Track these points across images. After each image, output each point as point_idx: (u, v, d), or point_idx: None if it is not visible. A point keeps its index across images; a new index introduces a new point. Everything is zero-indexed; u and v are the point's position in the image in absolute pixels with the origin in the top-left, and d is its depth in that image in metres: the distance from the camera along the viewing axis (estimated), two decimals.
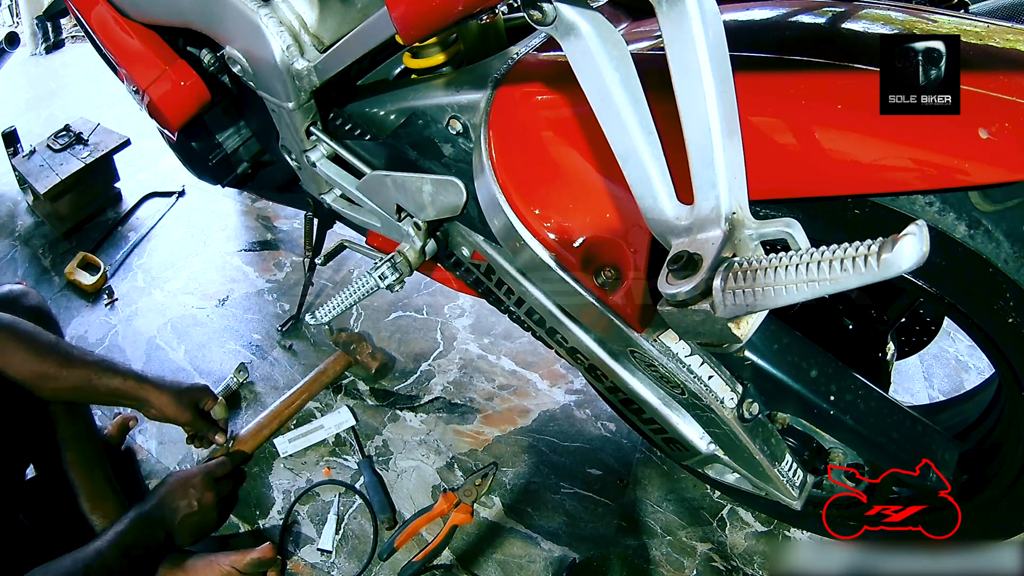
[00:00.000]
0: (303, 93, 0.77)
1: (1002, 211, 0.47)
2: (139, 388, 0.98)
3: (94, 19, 1.01)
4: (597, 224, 0.62)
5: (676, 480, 1.07)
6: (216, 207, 1.74)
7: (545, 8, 0.45)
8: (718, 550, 0.99)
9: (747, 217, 0.46)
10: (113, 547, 0.83)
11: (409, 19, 0.56)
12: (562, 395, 1.22)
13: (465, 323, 1.36)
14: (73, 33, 2.75)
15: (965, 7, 0.77)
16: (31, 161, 1.71)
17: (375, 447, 1.17)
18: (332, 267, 1.51)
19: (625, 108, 0.47)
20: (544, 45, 0.68)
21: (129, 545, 0.85)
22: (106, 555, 0.82)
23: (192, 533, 0.93)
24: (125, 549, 0.84)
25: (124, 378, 0.97)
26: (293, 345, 1.36)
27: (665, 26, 0.43)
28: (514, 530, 1.04)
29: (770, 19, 0.57)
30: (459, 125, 0.67)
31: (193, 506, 0.92)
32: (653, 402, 0.73)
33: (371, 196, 0.81)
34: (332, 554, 1.04)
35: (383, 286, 0.81)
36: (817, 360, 0.69)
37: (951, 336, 1.26)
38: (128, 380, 0.97)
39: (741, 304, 0.42)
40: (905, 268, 0.33)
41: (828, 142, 0.49)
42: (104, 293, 1.53)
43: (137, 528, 0.87)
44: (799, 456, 0.74)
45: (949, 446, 0.72)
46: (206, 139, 1.08)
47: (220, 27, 0.80)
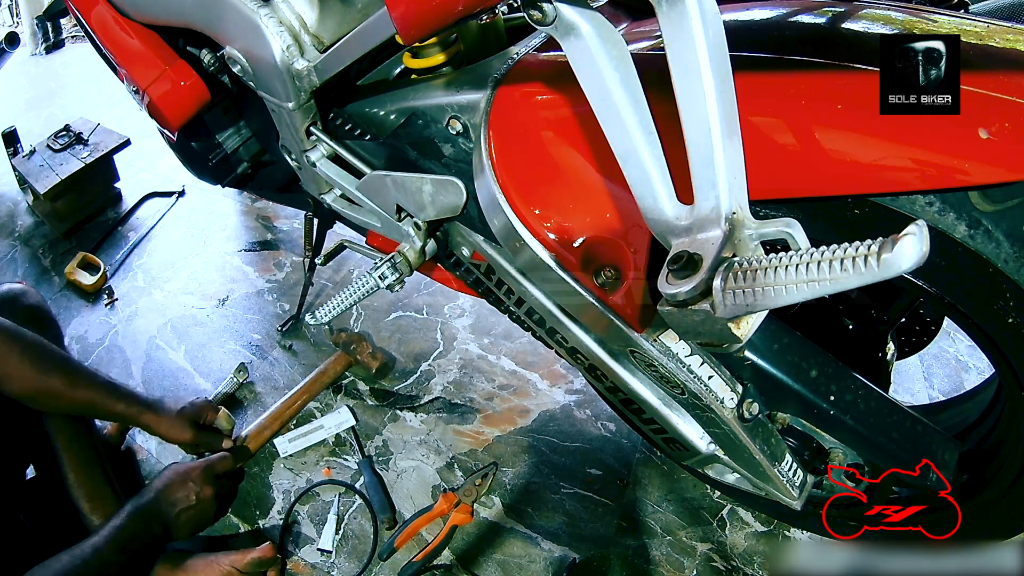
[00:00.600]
0: (303, 93, 0.77)
1: (1002, 211, 0.47)
2: (140, 415, 1.00)
3: (94, 19, 1.01)
4: (597, 224, 0.62)
5: (676, 480, 1.07)
6: (216, 207, 1.74)
7: (545, 8, 0.45)
8: (718, 550, 0.99)
9: (747, 217, 0.46)
10: (111, 542, 0.83)
11: (409, 19, 0.56)
12: (562, 395, 1.22)
13: (465, 323, 1.36)
14: (73, 33, 2.75)
15: (965, 7, 0.77)
16: (31, 161, 1.71)
17: (375, 447, 1.17)
18: (332, 267, 1.51)
19: (625, 108, 0.47)
20: (544, 45, 0.68)
21: (127, 540, 0.84)
22: (103, 551, 0.82)
23: (189, 527, 0.93)
24: (123, 544, 0.84)
25: (127, 404, 0.99)
26: (293, 345, 1.36)
27: (665, 26, 0.43)
28: (514, 530, 1.04)
29: (770, 19, 0.57)
30: (459, 125, 0.67)
31: (191, 500, 0.91)
32: (653, 402, 0.73)
33: (371, 196, 0.81)
34: (332, 554, 1.04)
35: (383, 286, 0.81)
36: (817, 360, 0.69)
37: (951, 336, 1.26)
38: (131, 407, 0.99)
39: (741, 304, 0.42)
40: (905, 268, 0.33)
41: (828, 142, 0.49)
42: (104, 293, 1.53)
43: (134, 522, 0.86)
44: (799, 456, 0.74)
45: (949, 446, 0.72)
46: (206, 139, 1.08)
47: (220, 27, 0.80)
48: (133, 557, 0.85)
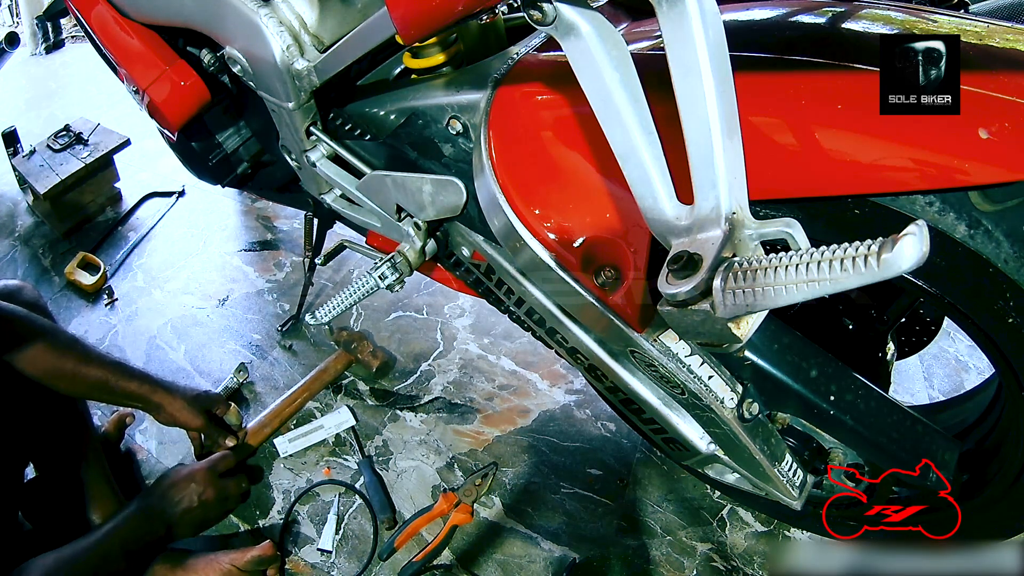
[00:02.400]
0: (303, 93, 0.77)
1: (1002, 211, 0.47)
2: (154, 393, 1.00)
3: (94, 19, 1.01)
4: (597, 224, 0.62)
5: (676, 480, 1.07)
6: (216, 207, 1.74)
7: (545, 8, 0.45)
8: (718, 550, 0.99)
9: (747, 217, 0.46)
10: (112, 539, 0.84)
11: (409, 19, 0.56)
12: (562, 395, 1.21)
13: (465, 323, 1.36)
14: (73, 33, 2.75)
15: (965, 7, 0.77)
16: (31, 161, 1.71)
17: (375, 447, 1.17)
18: (332, 267, 1.51)
19: (625, 108, 0.47)
20: (544, 45, 0.68)
21: (129, 538, 0.85)
22: (105, 547, 0.83)
23: (193, 528, 0.94)
24: (124, 542, 0.84)
25: (140, 382, 0.99)
26: (293, 345, 1.36)
27: (665, 26, 0.43)
28: (514, 530, 1.04)
29: (770, 19, 0.57)
30: (459, 125, 0.67)
31: (194, 501, 0.92)
32: (653, 402, 0.73)
33: (371, 196, 0.81)
34: (332, 554, 1.04)
35: (383, 286, 0.81)
36: (817, 360, 0.69)
37: (951, 336, 1.26)
38: (144, 384, 0.99)
39: (741, 304, 0.42)
40: (905, 268, 0.33)
41: (828, 142, 0.49)
42: (104, 293, 1.53)
43: (137, 522, 0.87)
44: (799, 456, 0.74)
45: (949, 446, 0.72)
46: (206, 139, 1.08)
47: (220, 27, 0.80)
48: (134, 555, 0.85)
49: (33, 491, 1.02)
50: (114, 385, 0.96)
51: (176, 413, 1.01)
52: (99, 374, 0.95)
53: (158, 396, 1.00)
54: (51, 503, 1.01)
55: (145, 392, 0.99)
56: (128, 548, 0.85)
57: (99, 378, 0.95)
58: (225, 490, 0.98)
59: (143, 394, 0.99)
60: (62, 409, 1.03)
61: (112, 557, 0.83)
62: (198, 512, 0.93)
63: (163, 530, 0.90)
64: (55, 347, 0.92)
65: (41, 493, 1.02)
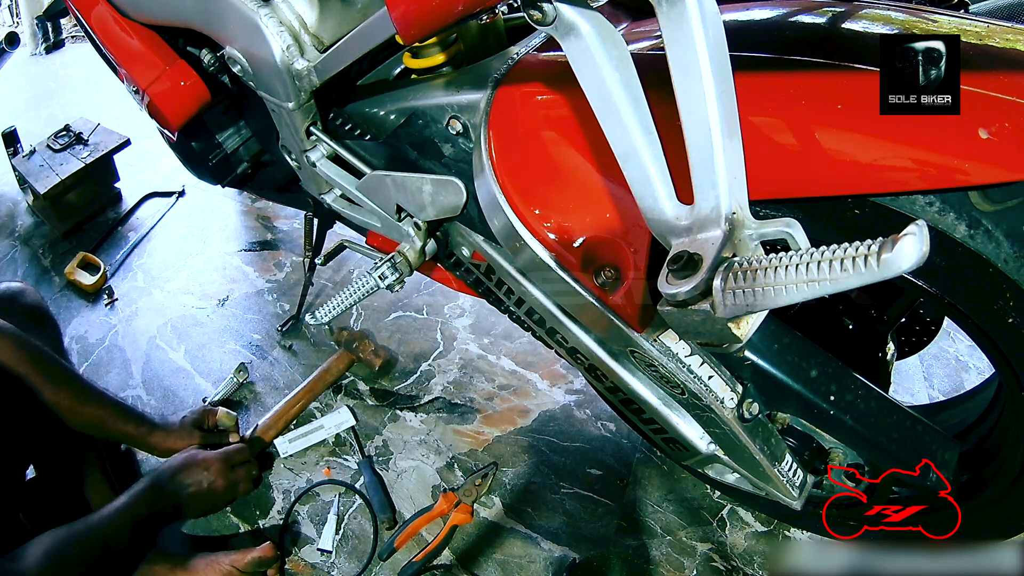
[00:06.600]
0: (303, 93, 0.77)
1: (1002, 211, 0.47)
2: (150, 435, 1.04)
3: (94, 19, 1.01)
4: (597, 224, 0.62)
5: (676, 480, 1.07)
6: (216, 207, 1.74)
7: (545, 8, 0.45)
8: (718, 550, 0.99)
9: (747, 217, 0.46)
10: (123, 513, 0.86)
11: (409, 19, 0.56)
12: (562, 395, 1.21)
13: (465, 323, 1.36)
14: (73, 33, 2.75)
15: (965, 7, 0.77)
16: (31, 161, 1.71)
17: (375, 447, 1.17)
18: (332, 267, 1.51)
19: (625, 108, 0.47)
20: (544, 45, 0.68)
21: (139, 512, 0.87)
22: (115, 519, 0.85)
23: (199, 511, 0.97)
24: (134, 515, 0.87)
25: (137, 424, 1.03)
26: (293, 345, 1.36)
27: (665, 26, 0.43)
28: (514, 530, 1.04)
29: (770, 19, 0.57)
30: (459, 125, 0.67)
31: (203, 486, 0.94)
32: (653, 402, 0.73)
33: (371, 196, 0.81)
34: (332, 554, 1.04)
35: (383, 286, 0.81)
36: (817, 360, 0.69)
37: (951, 336, 1.26)
38: (141, 427, 1.03)
39: (741, 304, 0.42)
40: (905, 268, 0.33)
41: (828, 142, 0.49)
42: (104, 293, 1.53)
43: (149, 495, 0.89)
44: (799, 456, 0.74)
45: (949, 446, 0.72)
46: (206, 139, 1.08)
47: (220, 27, 0.80)
48: (140, 529, 0.87)
49: (33, 491, 1.02)
50: (110, 427, 1.00)
51: (172, 446, 1.05)
52: (95, 413, 0.98)
53: (153, 439, 1.04)
54: (51, 503, 1.01)
55: (142, 434, 1.03)
56: (137, 522, 0.86)
57: (96, 417, 0.98)
58: (236, 479, 1.00)
59: (139, 436, 1.03)
60: None
61: (121, 531, 0.85)
62: (206, 498, 0.95)
63: (171, 508, 0.91)
64: (52, 380, 0.94)
65: (41, 493, 1.02)
